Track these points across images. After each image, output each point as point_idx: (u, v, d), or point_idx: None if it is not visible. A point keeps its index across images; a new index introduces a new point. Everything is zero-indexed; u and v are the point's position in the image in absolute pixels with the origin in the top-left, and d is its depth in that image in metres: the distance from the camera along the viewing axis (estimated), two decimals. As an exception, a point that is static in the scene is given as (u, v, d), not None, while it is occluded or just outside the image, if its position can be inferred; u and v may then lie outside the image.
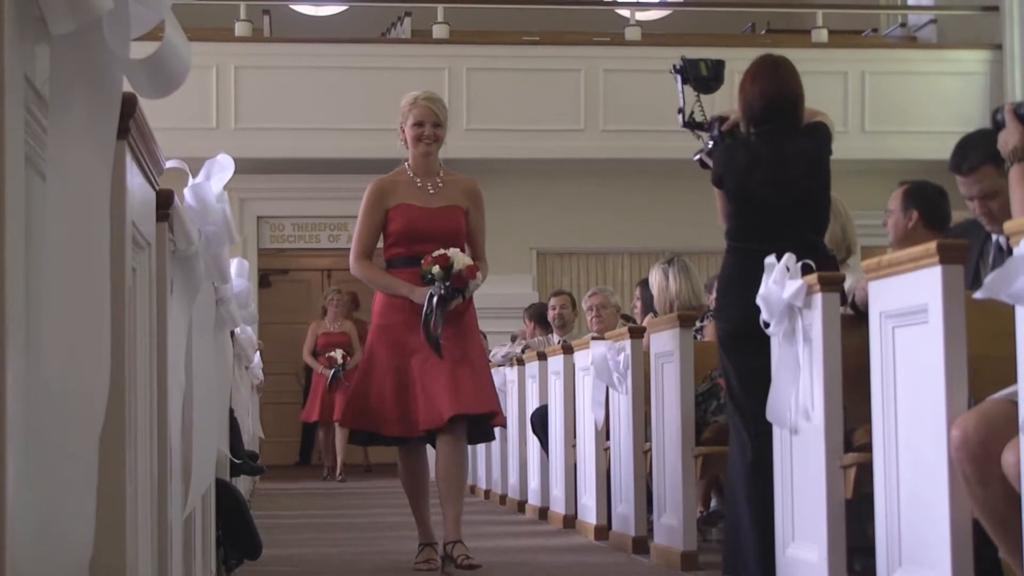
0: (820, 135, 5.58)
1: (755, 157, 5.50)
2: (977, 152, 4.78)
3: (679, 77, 5.89)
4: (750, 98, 5.55)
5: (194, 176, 3.47)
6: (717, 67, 5.93)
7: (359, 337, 13.98)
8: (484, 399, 6.12)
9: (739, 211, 5.53)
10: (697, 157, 5.83)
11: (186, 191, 3.30)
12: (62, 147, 1.54)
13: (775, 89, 5.54)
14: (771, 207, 5.46)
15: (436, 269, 5.96)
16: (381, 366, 6.17)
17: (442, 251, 6.01)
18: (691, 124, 5.82)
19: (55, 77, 1.54)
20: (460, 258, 6.01)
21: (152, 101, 1.81)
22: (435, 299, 5.93)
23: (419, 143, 6.29)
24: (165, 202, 2.98)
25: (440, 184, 6.33)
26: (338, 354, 14.10)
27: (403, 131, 6.36)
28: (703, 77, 5.89)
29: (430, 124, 6.29)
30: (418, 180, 6.32)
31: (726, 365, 5.58)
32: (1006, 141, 4.17)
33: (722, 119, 5.75)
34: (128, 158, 2.35)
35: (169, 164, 3.02)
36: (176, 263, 3.16)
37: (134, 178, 2.49)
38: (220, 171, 3.30)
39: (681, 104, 5.87)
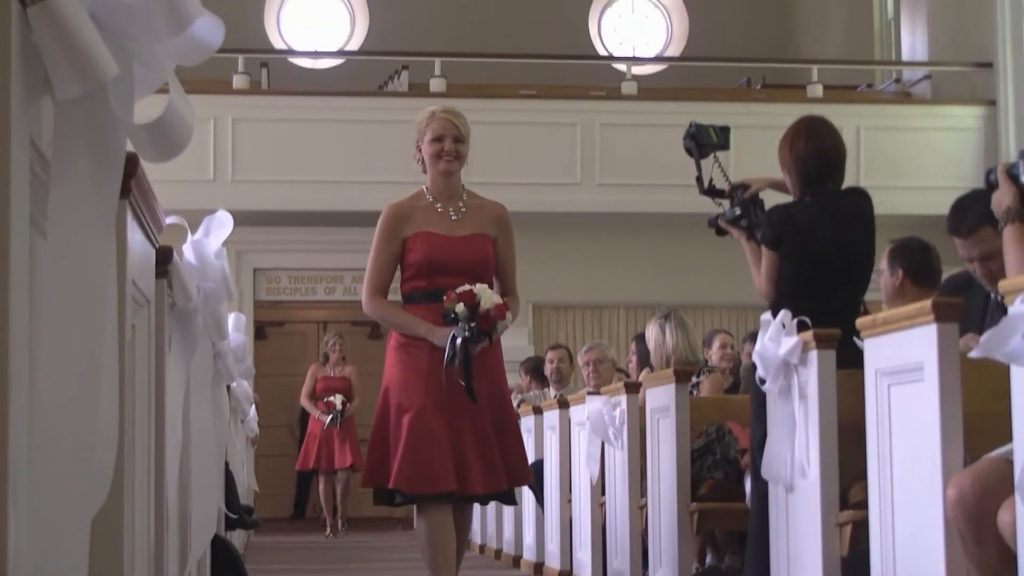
0: (868, 199, 5.68)
1: (815, 217, 5.51)
2: (974, 214, 4.79)
3: (694, 143, 5.89)
4: (803, 157, 5.55)
5: (192, 230, 3.48)
6: (724, 133, 5.94)
7: (361, 382, 13.77)
8: (519, 471, 5.52)
9: (797, 271, 5.51)
10: (712, 224, 5.84)
11: (185, 247, 3.32)
12: (64, 209, 1.56)
13: (831, 145, 5.60)
14: (831, 267, 5.49)
15: (460, 307, 5.23)
16: (398, 416, 5.38)
17: (467, 287, 5.27)
18: (711, 191, 5.84)
19: (59, 139, 1.55)
20: (488, 295, 5.27)
21: (149, 152, 1.81)
22: (459, 341, 5.23)
23: (438, 160, 5.52)
24: (164, 259, 2.99)
25: (463, 209, 5.59)
26: (337, 399, 13.65)
27: (419, 150, 5.61)
28: (713, 143, 5.91)
29: (450, 139, 5.51)
30: (438, 205, 5.57)
31: (757, 421, 5.54)
32: (999, 201, 4.18)
33: (744, 186, 5.77)
34: (129, 216, 2.37)
35: (168, 220, 3.03)
36: (175, 319, 3.17)
37: (134, 235, 2.51)
38: (219, 228, 3.32)
39: (699, 172, 5.87)
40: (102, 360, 1.68)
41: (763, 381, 5.03)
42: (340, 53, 18.93)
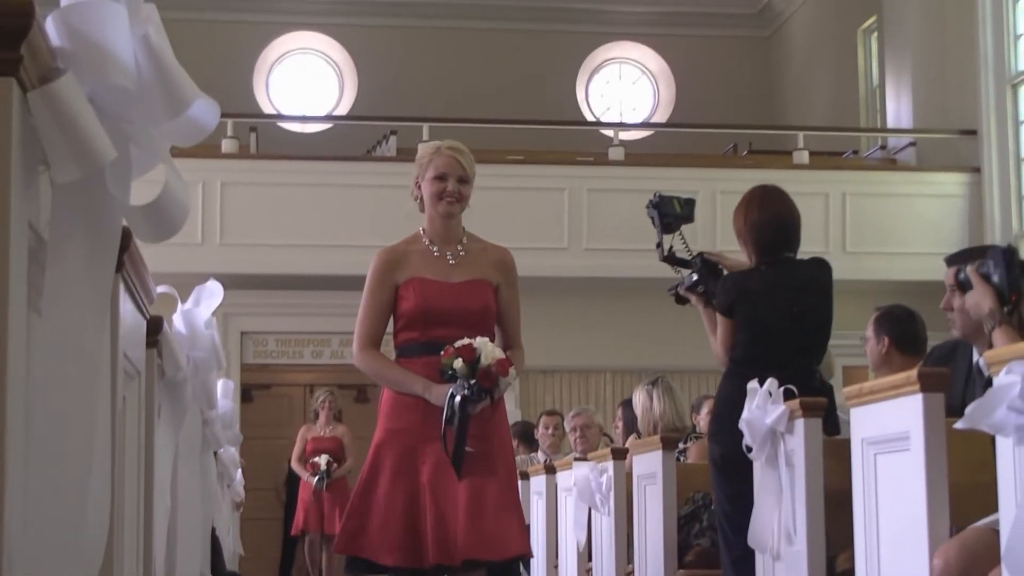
0: (827, 269, 5.70)
1: (769, 285, 5.54)
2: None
3: (656, 213, 5.93)
4: (758, 226, 5.59)
5: (180, 293, 3.50)
6: (689, 205, 5.96)
7: (353, 443, 13.43)
8: (508, 540, 4.88)
9: (751, 339, 5.54)
10: (672, 291, 5.87)
11: (175, 317, 3.34)
12: (59, 288, 1.58)
13: (785, 213, 5.63)
14: (785, 335, 5.51)
15: (459, 364, 4.77)
16: (386, 480, 4.94)
17: (467, 340, 4.82)
18: (671, 259, 5.87)
19: (56, 220, 1.57)
20: (489, 350, 4.81)
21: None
22: (457, 400, 4.77)
23: (439, 201, 5.07)
24: (155, 328, 3.01)
25: (462, 253, 5.15)
26: (322, 460, 13.23)
27: (418, 187, 5.17)
28: (677, 215, 5.93)
29: (454, 179, 5.08)
30: (435, 248, 5.13)
31: (719, 488, 5.58)
32: (978, 304, 4.20)
33: (701, 254, 5.81)
34: (121, 288, 2.39)
35: (159, 290, 3.05)
36: (164, 389, 3.19)
37: (125, 306, 2.53)
38: (209, 297, 3.33)
39: (659, 239, 5.91)
40: (94, 438, 1.69)
41: (750, 449, 5.04)
42: (329, 118, 19.02)
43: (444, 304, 5.00)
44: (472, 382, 4.77)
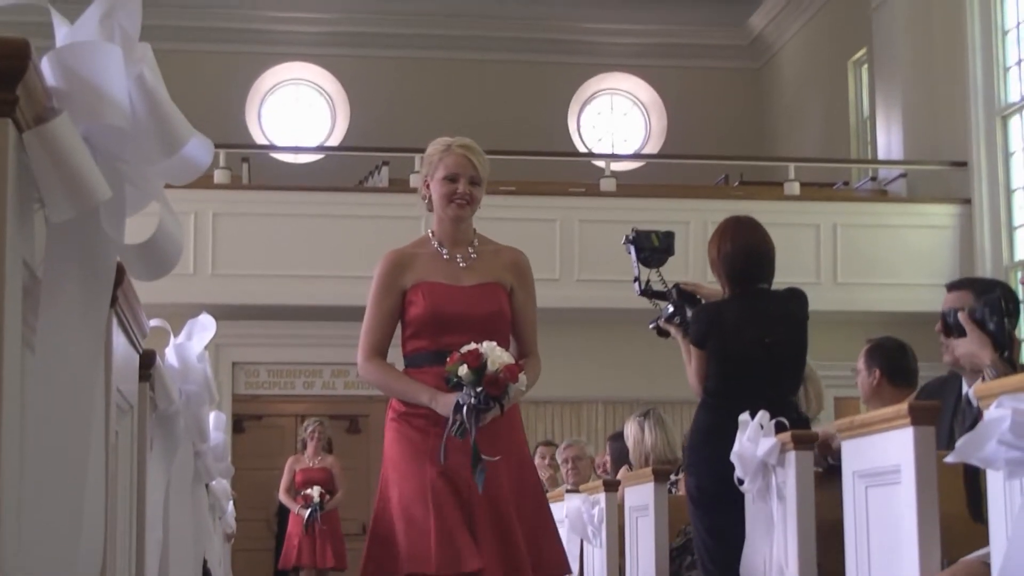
0: (802, 300, 5.68)
1: (742, 316, 5.55)
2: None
3: (632, 248, 5.92)
4: (731, 257, 5.60)
5: (172, 323, 3.50)
6: (668, 239, 5.94)
7: (344, 473, 13.27)
8: (559, 558, 4.61)
9: (723, 370, 5.54)
10: (653, 325, 5.88)
11: (168, 351, 3.34)
12: (53, 326, 1.58)
13: (757, 244, 5.63)
14: (756, 367, 5.50)
15: (464, 370, 4.37)
16: (409, 492, 4.49)
17: (473, 346, 4.42)
18: (648, 293, 5.86)
19: (50, 259, 1.58)
20: (497, 355, 4.41)
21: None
22: (464, 410, 4.38)
23: (449, 203, 4.73)
24: (147, 362, 3.01)
25: (473, 255, 4.79)
26: (315, 491, 12.88)
27: (427, 187, 4.83)
28: (655, 248, 5.92)
29: (466, 179, 4.75)
30: (445, 251, 4.78)
31: (697, 521, 5.58)
32: (976, 355, 4.16)
33: (679, 287, 5.81)
34: (114, 323, 2.39)
35: (152, 323, 3.06)
36: (156, 422, 3.19)
37: (118, 340, 2.53)
38: (202, 331, 3.34)
39: (636, 273, 5.91)
40: (87, 474, 1.70)
41: (741, 481, 5.05)
42: (321, 148, 19.07)
43: (455, 309, 4.65)
44: (479, 390, 4.37)
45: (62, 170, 1.47)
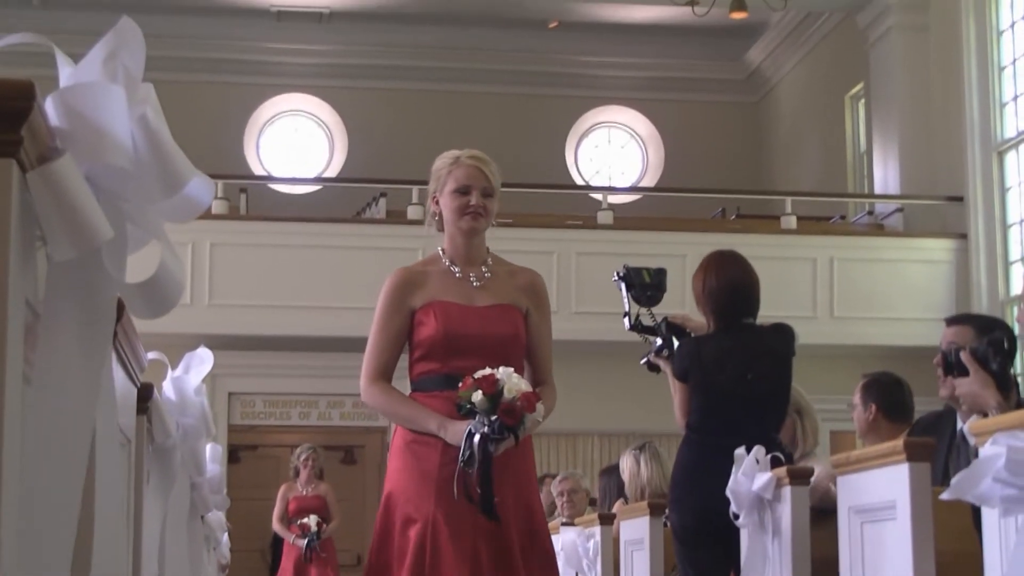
0: (788, 336, 5.64)
1: (723, 351, 5.53)
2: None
3: (623, 284, 5.90)
4: (715, 291, 5.59)
5: (168, 354, 3.51)
6: (660, 275, 5.91)
7: (338, 502, 13.03)
8: None
9: (704, 405, 5.51)
10: (644, 360, 5.87)
11: (165, 384, 3.35)
12: (52, 363, 1.59)
13: (741, 278, 5.62)
14: (737, 402, 5.48)
15: (478, 396, 4.07)
16: (427, 525, 4.18)
17: (487, 371, 4.12)
18: (638, 328, 5.85)
19: (51, 296, 1.59)
20: (514, 382, 4.11)
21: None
22: (476, 439, 4.08)
23: (462, 216, 4.45)
24: (145, 395, 3.02)
25: (487, 275, 4.50)
26: (312, 520, 12.58)
27: (436, 202, 4.55)
28: (646, 285, 5.88)
29: (478, 191, 4.47)
30: (456, 269, 4.48)
31: (682, 557, 5.55)
32: (978, 396, 4.12)
33: (668, 321, 5.80)
34: (112, 357, 2.40)
35: (149, 356, 3.07)
36: (154, 455, 3.20)
37: (116, 374, 2.54)
38: (199, 364, 3.35)
39: (627, 309, 5.89)
40: (78, 511, 1.70)
41: (736, 516, 5.05)
42: (318, 180, 19.10)
43: (469, 330, 4.34)
44: (493, 418, 4.07)
45: (65, 210, 1.49)
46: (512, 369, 4.15)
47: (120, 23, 1.65)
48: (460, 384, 4.12)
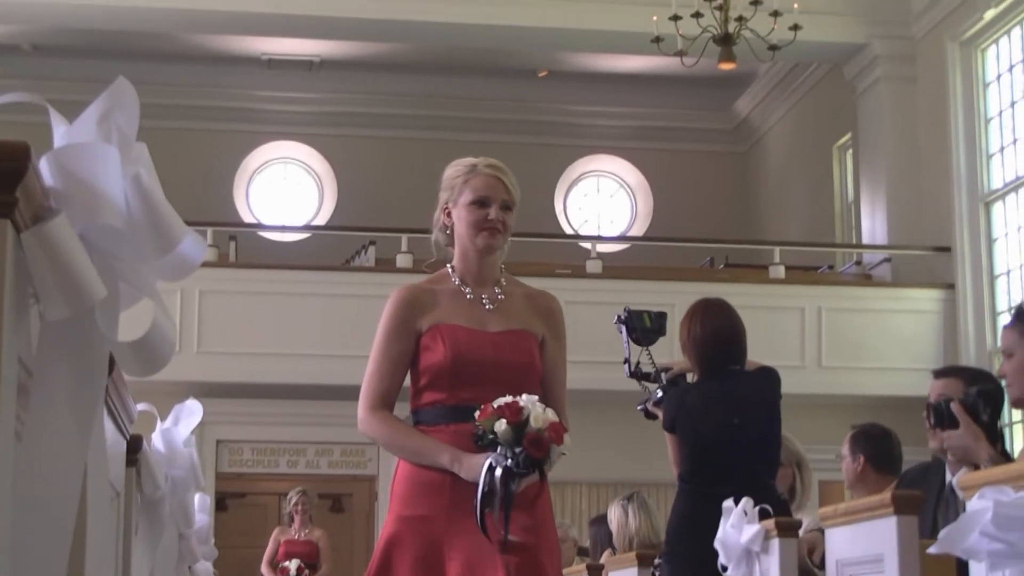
0: (773, 380, 5.65)
1: (709, 400, 5.54)
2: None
3: (623, 328, 5.90)
4: (701, 339, 5.60)
5: (159, 407, 3.51)
6: (660, 319, 5.91)
7: (330, 548, 12.79)
8: None
9: (693, 454, 5.53)
10: (641, 407, 5.88)
11: (154, 436, 3.35)
12: (43, 420, 1.60)
13: (727, 326, 5.63)
14: (725, 449, 5.49)
15: (502, 426, 3.63)
16: (432, 568, 3.77)
17: (509, 398, 3.68)
18: (638, 375, 5.85)
19: (43, 355, 1.60)
20: (539, 411, 3.66)
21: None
22: (498, 473, 3.64)
23: (479, 232, 4.02)
24: (134, 447, 3.02)
25: (501, 297, 4.05)
26: (292, 564, 12.20)
27: (447, 215, 4.14)
28: (647, 329, 5.90)
29: (498, 204, 4.04)
30: (468, 290, 4.04)
31: None
32: (973, 450, 4.13)
33: (667, 368, 5.81)
34: (103, 412, 2.41)
35: (139, 407, 3.07)
36: (142, 507, 3.19)
37: (106, 427, 2.55)
38: (188, 416, 3.35)
39: (627, 355, 5.90)
40: (66, 565, 1.70)
41: (725, 568, 5.05)
42: (308, 227, 19.12)
43: (481, 356, 3.91)
44: (518, 450, 3.63)
45: (59, 270, 1.50)
46: (536, 397, 3.73)
47: (115, 83, 1.67)
48: (477, 413, 3.69)
